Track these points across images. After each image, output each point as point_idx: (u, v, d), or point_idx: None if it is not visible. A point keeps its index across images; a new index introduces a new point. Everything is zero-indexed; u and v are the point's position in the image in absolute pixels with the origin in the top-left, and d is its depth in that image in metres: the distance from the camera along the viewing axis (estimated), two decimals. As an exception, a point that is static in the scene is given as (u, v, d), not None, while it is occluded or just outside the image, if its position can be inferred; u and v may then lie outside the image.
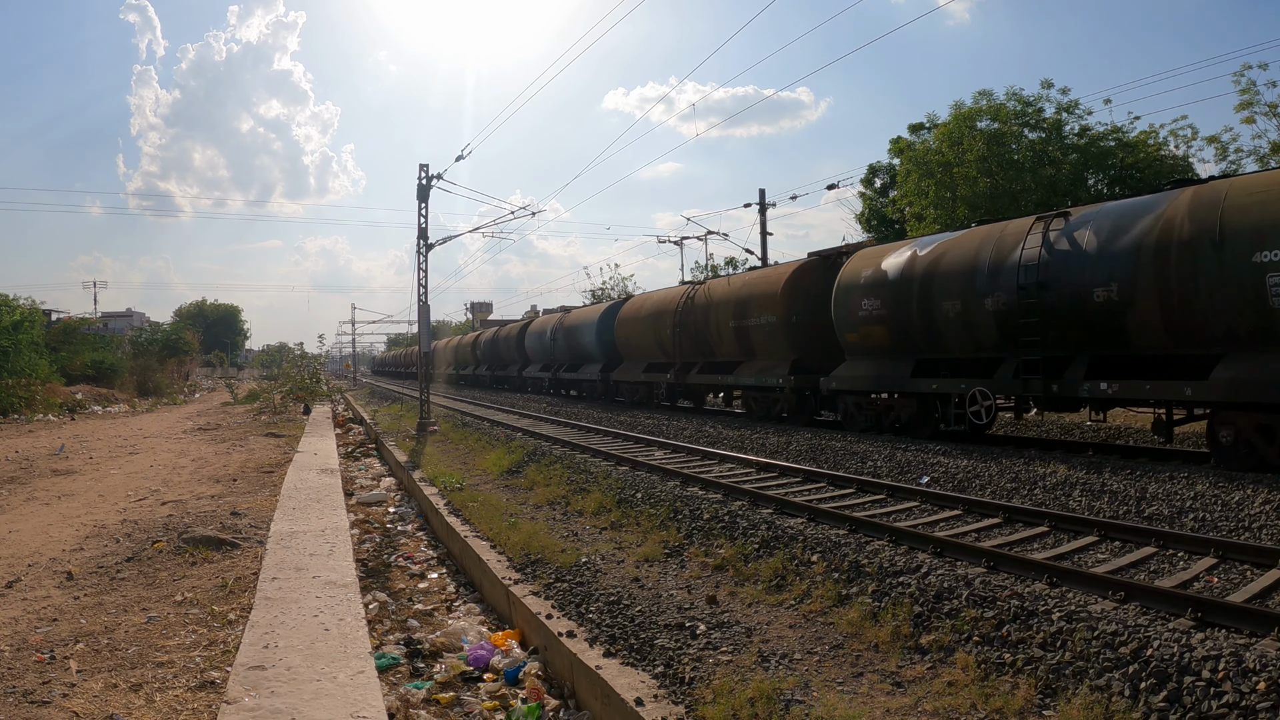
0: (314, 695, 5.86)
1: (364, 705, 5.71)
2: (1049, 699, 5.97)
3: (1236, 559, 8.73)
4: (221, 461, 20.10)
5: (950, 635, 7.10)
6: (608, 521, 12.88)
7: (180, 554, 10.51)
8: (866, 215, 47.00)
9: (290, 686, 6.01)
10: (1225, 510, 10.60)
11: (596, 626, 8.26)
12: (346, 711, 5.61)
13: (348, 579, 8.99)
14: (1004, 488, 12.97)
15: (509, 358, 54.32)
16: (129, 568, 9.99)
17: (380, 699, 5.89)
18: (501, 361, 56.64)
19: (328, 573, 9.22)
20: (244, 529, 11.87)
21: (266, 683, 6.07)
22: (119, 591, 9.01)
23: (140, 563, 10.20)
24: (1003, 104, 34.44)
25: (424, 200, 29.90)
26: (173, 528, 11.81)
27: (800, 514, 11.50)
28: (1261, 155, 30.85)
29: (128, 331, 76.09)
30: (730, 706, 6.16)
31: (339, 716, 5.55)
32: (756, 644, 7.49)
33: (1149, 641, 6.12)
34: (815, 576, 8.93)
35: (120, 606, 8.45)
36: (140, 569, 9.92)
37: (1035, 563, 8.45)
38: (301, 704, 5.72)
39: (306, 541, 10.81)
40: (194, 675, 6.59)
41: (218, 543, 10.94)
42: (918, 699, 6.19)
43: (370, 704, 5.74)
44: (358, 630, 7.34)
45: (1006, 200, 32.21)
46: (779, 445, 18.76)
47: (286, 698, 5.81)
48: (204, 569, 9.93)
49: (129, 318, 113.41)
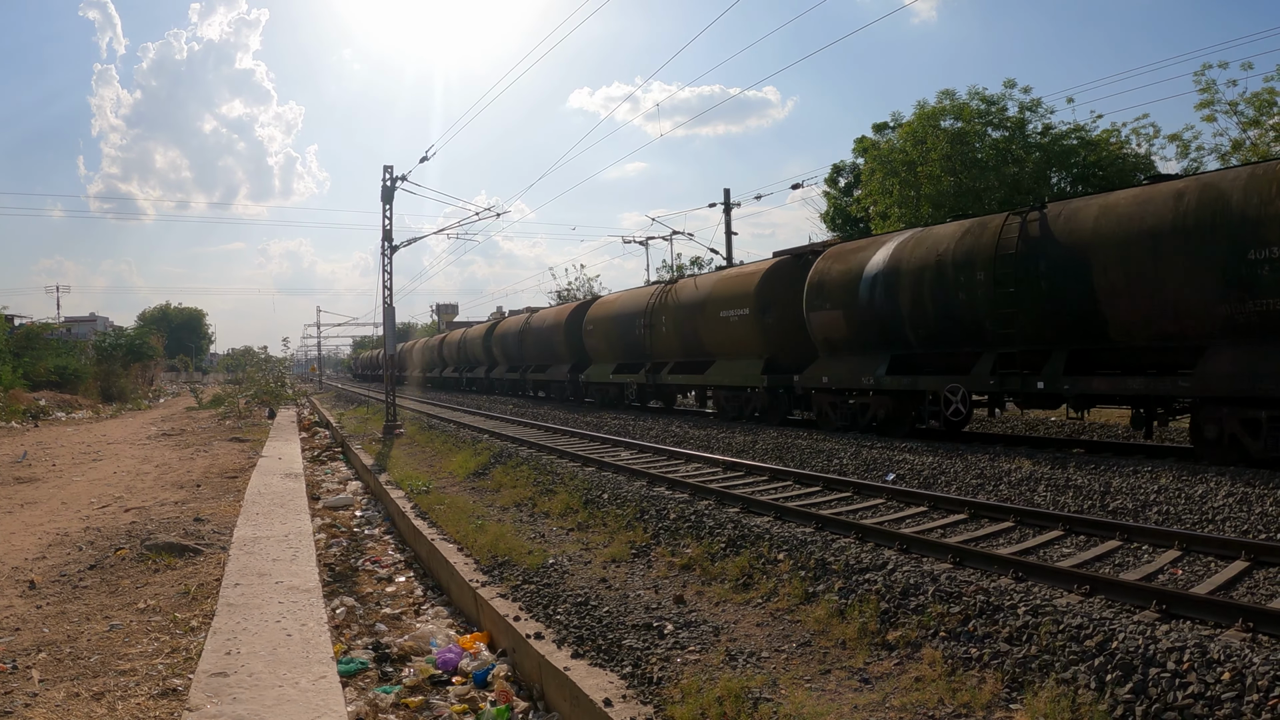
0: (276, 701, 5.82)
1: (325, 710, 5.66)
2: (1015, 693, 5.98)
3: (1201, 551, 8.80)
4: (185, 467, 19.91)
5: (917, 631, 7.11)
6: (574, 522, 12.84)
7: (143, 561, 10.43)
8: (831, 214, 47.12)
9: (253, 693, 5.96)
10: (1189, 504, 10.68)
11: (564, 628, 8.22)
12: (309, 717, 5.56)
13: (311, 584, 8.91)
14: (969, 484, 13.03)
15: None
16: (92, 576, 9.90)
17: (342, 705, 5.84)
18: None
19: (290, 578, 9.14)
20: (207, 535, 11.76)
21: (229, 689, 6.01)
22: (81, 600, 8.93)
23: (103, 570, 10.12)
24: (966, 103, 34.59)
25: (389, 202, 29.75)
26: (136, 534, 11.70)
27: (767, 512, 11.50)
28: (1223, 153, 31.20)
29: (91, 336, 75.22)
30: (699, 705, 6.14)
31: (300, 722, 5.50)
32: (724, 643, 7.48)
33: (1114, 634, 6.14)
34: (782, 574, 8.93)
35: (83, 615, 8.37)
36: (103, 577, 9.84)
37: (1001, 558, 8.49)
38: (264, 710, 5.67)
39: (270, 547, 10.72)
40: (156, 683, 6.53)
41: (180, 549, 10.85)
42: (885, 695, 6.19)
43: (332, 709, 5.69)
44: (320, 636, 7.28)
45: (970, 199, 32.38)
46: (745, 444, 18.77)
47: (249, 704, 5.76)
48: (166, 576, 9.84)
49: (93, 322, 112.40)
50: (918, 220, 32.10)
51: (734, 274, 26.35)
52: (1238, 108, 30.75)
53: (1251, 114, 30.48)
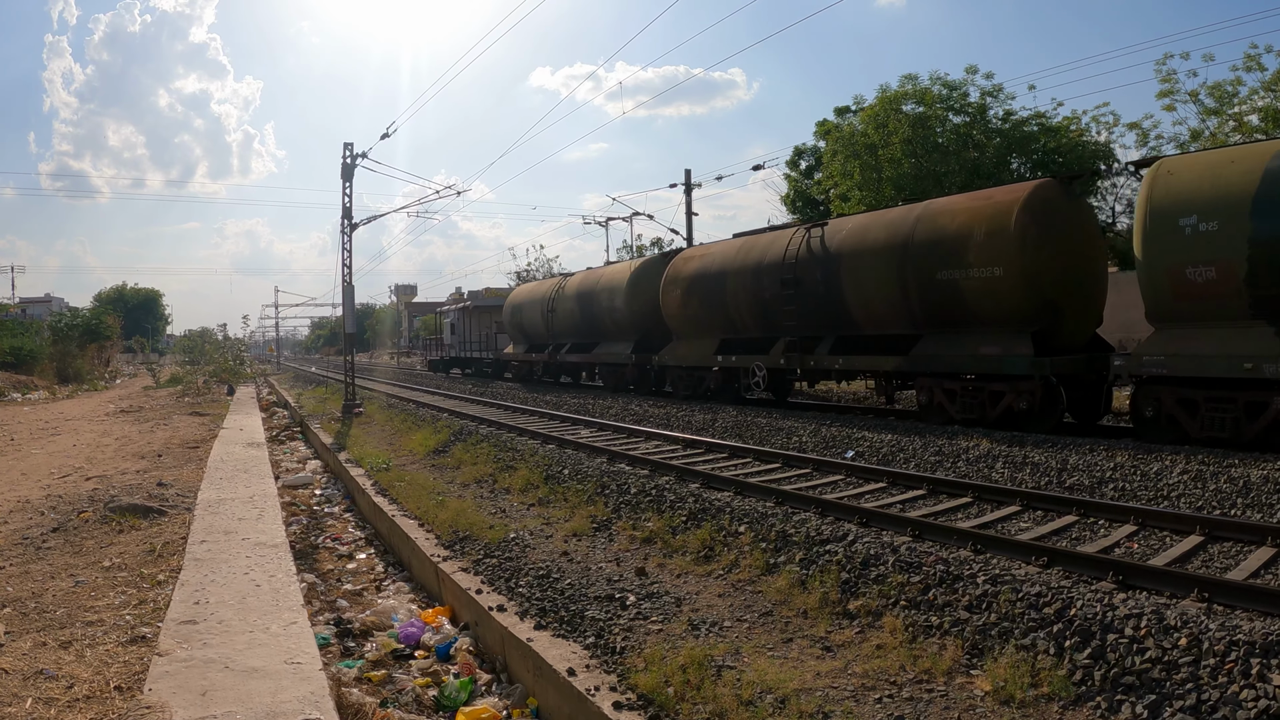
0: (247, 645, 5.87)
1: (298, 653, 5.70)
2: (976, 659, 6.05)
3: (1156, 526, 8.91)
4: (146, 439, 19.74)
5: (878, 600, 7.17)
6: (535, 498, 12.83)
7: (107, 523, 10.36)
8: (791, 197, 47.17)
9: (223, 638, 6.00)
10: (1144, 480, 10.81)
11: (527, 600, 8.22)
12: (281, 658, 5.59)
13: (278, 540, 8.94)
14: (928, 461, 13.13)
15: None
16: (55, 538, 9.82)
17: (314, 646, 5.88)
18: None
19: (257, 535, 9.18)
20: (171, 498, 11.72)
21: (199, 635, 6.05)
22: (45, 560, 8.87)
23: (66, 533, 10.04)
24: (928, 88, 34.73)
25: (349, 179, 29.45)
26: (98, 499, 11.60)
27: (727, 488, 11.53)
28: (1182, 141, 31.54)
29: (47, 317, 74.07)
30: (662, 674, 6.16)
31: (273, 663, 5.54)
32: (686, 613, 7.51)
33: (1072, 602, 6.21)
34: (743, 546, 8.96)
35: (47, 574, 8.32)
36: (67, 538, 9.77)
37: (960, 530, 8.56)
38: (234, 653, 5.71)
39: (235, 508, 10.71)
40: (124, 631, 6.53)
41: (145, 510, 10.80)
42: (847, 662, 6.24)
43: (305, 651, 5.72)
44: (289, 586, 7.30)
45: (931, 182, 32.46)
46: (705, 423, 18.83)
47: (219, 648, 5.80)
48: (131, 536, 9.81)
49: (48, 303, 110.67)
50: (880, 201, 32.25)
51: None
52: (1198, 97, 31.11)
53: (1212, 104, 30.83)
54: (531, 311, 36.61)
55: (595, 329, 31.73)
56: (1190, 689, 5.15)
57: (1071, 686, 5.50)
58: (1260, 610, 6.05)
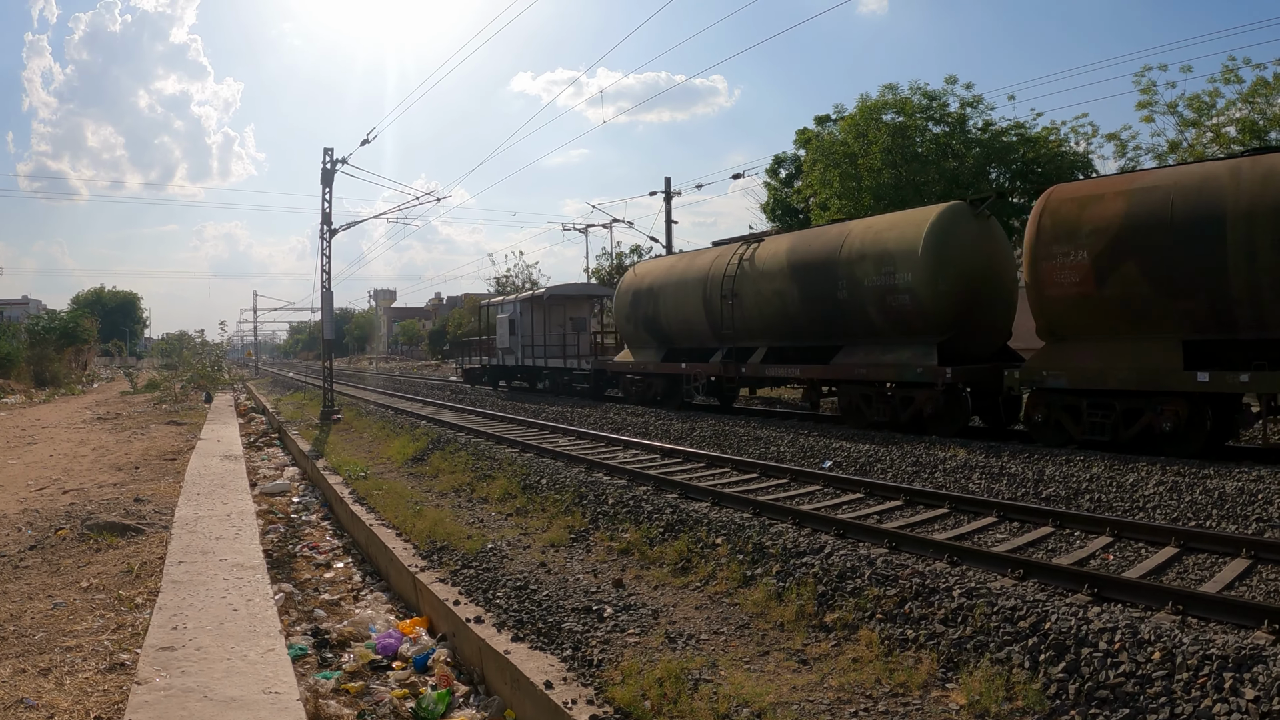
0: (225, 673, 5.82)
1: (276, 681, 5.66)
2: (951, 672, 6.07)
3: (1131, 538, 8.97)
4: (123, 450, 19.60)
5: (854, 613, 7.18)
6: (513, 508, 12.80)
7: (84, 541, 10.28)
8: (771, 205, 47.20)
9: (201, 666, 5.95)
10: (1120, 492, 10.88)
11: (504, 611, 8.19)
12: (259, 688, 5.54)
13: (255, 561, 8.86)
14: (905, 471, 13.17)
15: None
16: (32, 556, 9.75)
17: (292, 675, 5.84)
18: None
19: (235, 555, 9.08)
20: (148, 515, 11.63)
21: (177, 663, 5.99)
22: (23, 580, 8.81)
23: (44, 550, 9.97)
24: (908, 98, 34.87)
25: (328, 185, 29.41)
26: (76, 515, 11.49)
27: (705, 498, 11.55)
28: (1160, 153, 31.72)
29: (24, 319, 73.48)
30: (639, 687, 6.16)
31: (251, 692, 5.49)
32: (663, 625, 7.51)
33: (1047, 615, 6.25)
34: (720, 558, 8.97)
35: (25, 594, 8.26)
36: (44, 557, 9.70)
37: (936, 542, 8.60)
38: (213, 682, 5.66)
39: (212, 526, 10.62)
40: (103, 658, 6.49)
41: (122, 529, 10.72)
42: (824, 675, 6.25)
43: (282, 680, 5.68)
44: (267, 610, 7.25)
45: (910, 191, 32.59)
46: (683, 431, 18.84)
47: (198, 676, 5.75)
48: (109, 555, 9.73)
49: (25, 305, 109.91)
50: (859, 210, 32.34)
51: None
52: (1176, 108, 31.29)
53: (1190, 115, 31.01)
54: (680, 298, 25.04)
55: (836, 324, 19.76)
56: (1164, 703, 5.18)
57: (1046, 700, 5.52)
58: (1234, 623, 6.11)
